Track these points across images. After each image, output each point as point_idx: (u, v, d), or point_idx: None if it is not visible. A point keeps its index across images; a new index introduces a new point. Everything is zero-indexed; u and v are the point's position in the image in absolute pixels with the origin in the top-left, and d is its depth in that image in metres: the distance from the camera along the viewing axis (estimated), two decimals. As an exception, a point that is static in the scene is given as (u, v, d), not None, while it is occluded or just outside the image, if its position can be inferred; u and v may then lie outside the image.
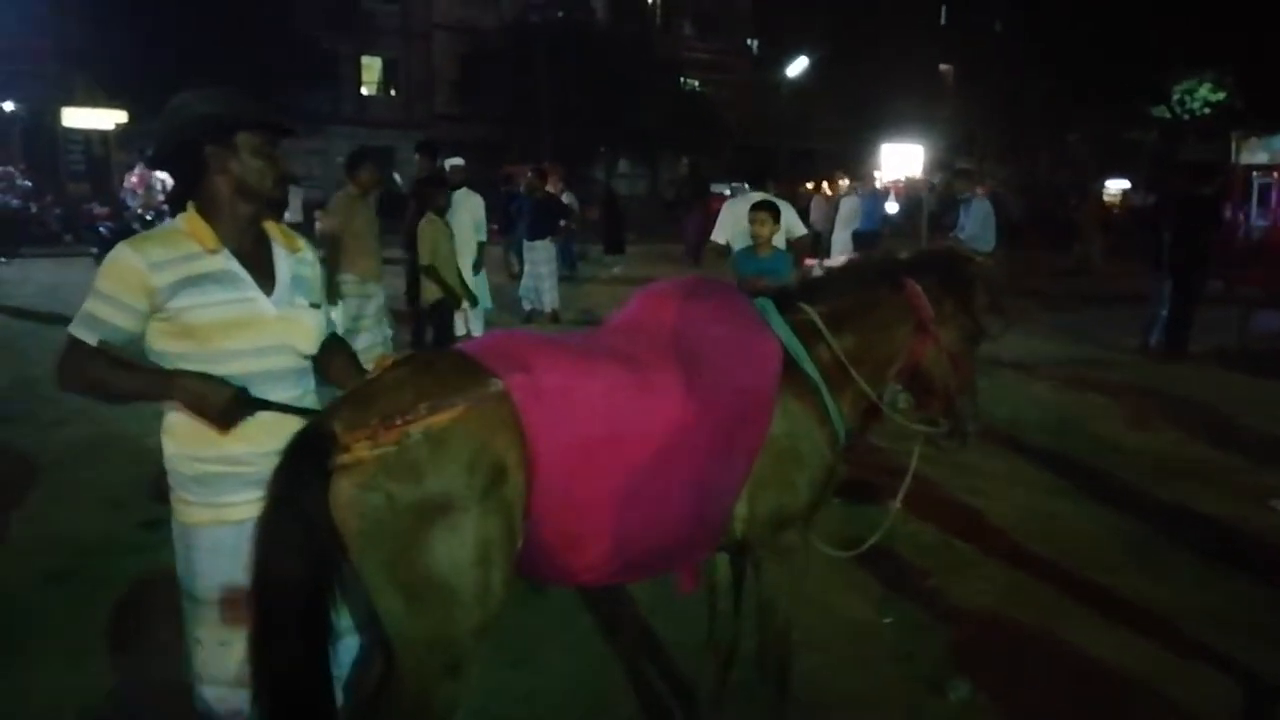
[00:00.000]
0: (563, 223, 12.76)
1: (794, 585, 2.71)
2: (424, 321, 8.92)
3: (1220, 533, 4.91)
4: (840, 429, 2.68)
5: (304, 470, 2.04)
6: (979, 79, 35.20)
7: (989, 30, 36.81)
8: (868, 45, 34.53)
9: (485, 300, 9.17)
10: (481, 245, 9.03)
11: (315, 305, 2.42)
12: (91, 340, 2.16)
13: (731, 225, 6.33)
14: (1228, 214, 11.44)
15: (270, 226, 2.42)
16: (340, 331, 7.14)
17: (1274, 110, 19.97)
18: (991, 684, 3.45)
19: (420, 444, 2.02)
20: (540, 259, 11.71)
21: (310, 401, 2.42)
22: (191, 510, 2.28)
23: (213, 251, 2.23)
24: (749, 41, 40.61)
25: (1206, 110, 31.07)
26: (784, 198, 6.76)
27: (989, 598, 4.19)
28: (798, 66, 29.13)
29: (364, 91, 35.66)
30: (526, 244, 11.82)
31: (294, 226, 3.04)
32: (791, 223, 6.41)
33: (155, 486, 5.19)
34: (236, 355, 2.22)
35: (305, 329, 2.37)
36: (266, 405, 2.22)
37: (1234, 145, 10.25)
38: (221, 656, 2.31)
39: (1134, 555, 4.64)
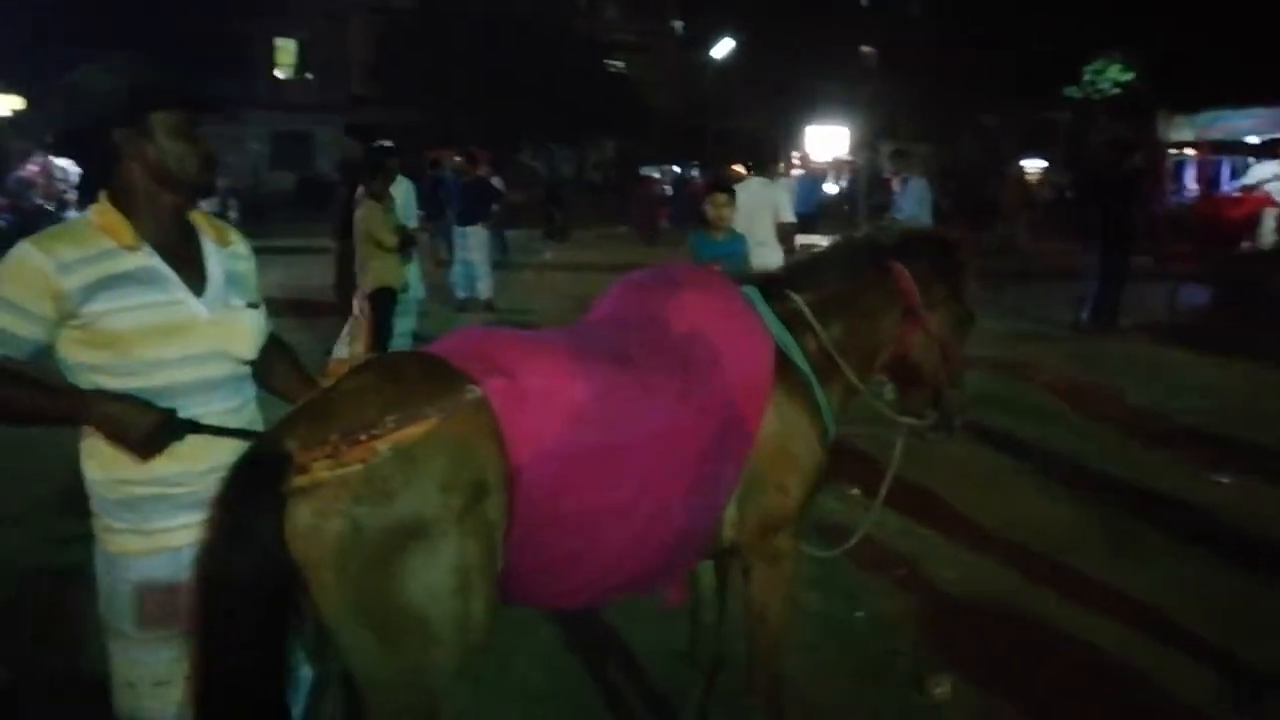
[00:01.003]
0: (494, 208, 12.39)
1: (786, 591, 2.56)
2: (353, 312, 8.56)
3: (1174, 509, 4.93)
4: (830, 424, 2.53)
5: (254, 496, 1.78)
6: (900, 61, 35.60)
7: (908, 13, 37.24)
8: (790, 27, 34.63)
9: (418, 289, 8.85)
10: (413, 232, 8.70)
11: (253, 305, 2.15)
12: None
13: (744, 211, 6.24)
14: (1156, 190, 11.67)
15: (197, 218, 2.14)
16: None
17: (1180, 89, 20.59)
18: (971, 677, 3.36)
19: (390, 462, 1.78)
20: (472, 245, 11.33)
21: (250, 413, 2.16)
22: (119, 538, 2.01)
23: (131, 249, 1.95)
24: (673, 23, 40.37)
25: (1116, 90, 32.00)
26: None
27: (959, 587, 4.11)
28: (723, 48, 29.06)
29: (278, 75, 34.43)
30: (458, 230, 11.43)
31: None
32: (782, 206, 6.34)
33: (62, 499, 4.83)
34: (164, 365, 1.95)
35: (243, 332, 2.10)
36: (199, 428, 1.96)
37: (1159, 123, 10.42)
38: (159, 699, 2.05)
39: (1095, 535, 4.62)
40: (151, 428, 1.88)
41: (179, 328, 1.97)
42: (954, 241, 2.86)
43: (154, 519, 1.99)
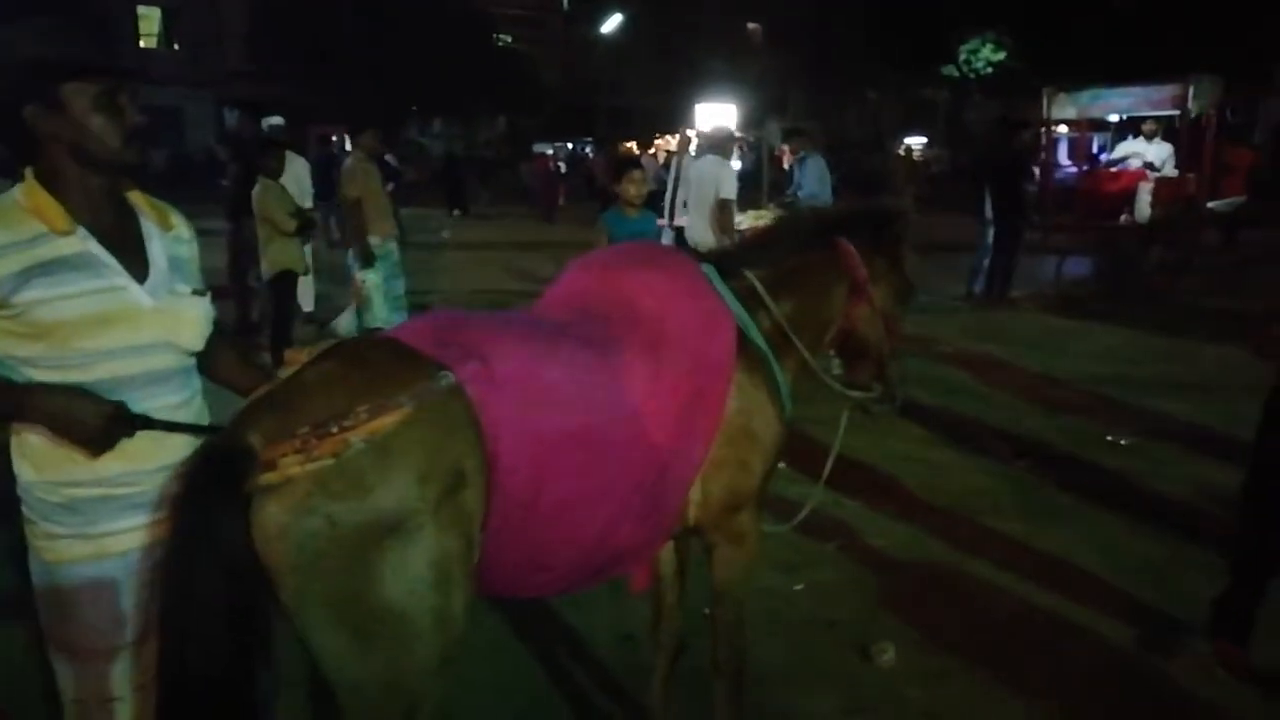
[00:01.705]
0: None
1: (749, 569, 2.55)
2: (249, 298, 8.22)
3: (1080, 471, 5.17)
4: (788, 402, 2.52)
5: (216, 496, 1.65)
6: (786, 38, 36.17)
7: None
8: (678, 3, 34.74)
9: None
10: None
11: (199, 292, 1.99)
12: None
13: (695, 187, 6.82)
14: (1041, 167, 12.18)
15: (136, 198, 1.96)
16: (377, 286, 6.78)
17: (1051, 68, 21.56)
18: (913, 642, 3.45)
19: (363, 454, 1.68)
20: (369, 225, 10.94)
21: (197, 406, 2.01)
22: (61, 545, 1.84)
23: (64, 233, 1.77)
24: (560, -2, 39.99)
25: (989, 70, 33.33)
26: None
27: (891, 555, 4.21)
28: (611, 23, 28.94)
29: (141, 45, 32.48)
30: (353, 209, 11.02)
31: None
32: (725, 183, 6.55)
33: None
34: (105, 356, 1.78)
35: (189, 321, 1.94)
36: (151, 423, 1.81)
37: (1045, 101, 10.87)
38: (109, 715, 1.92)
39: (1011, 499, 4.80)
40: (102, 422, 1.72)
41: (120, 316, 1.80)
42: (894, 214, 2.88)
43: (99, 522, 1.83)
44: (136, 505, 1.85)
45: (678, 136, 17.84)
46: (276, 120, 8.90)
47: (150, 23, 32.75)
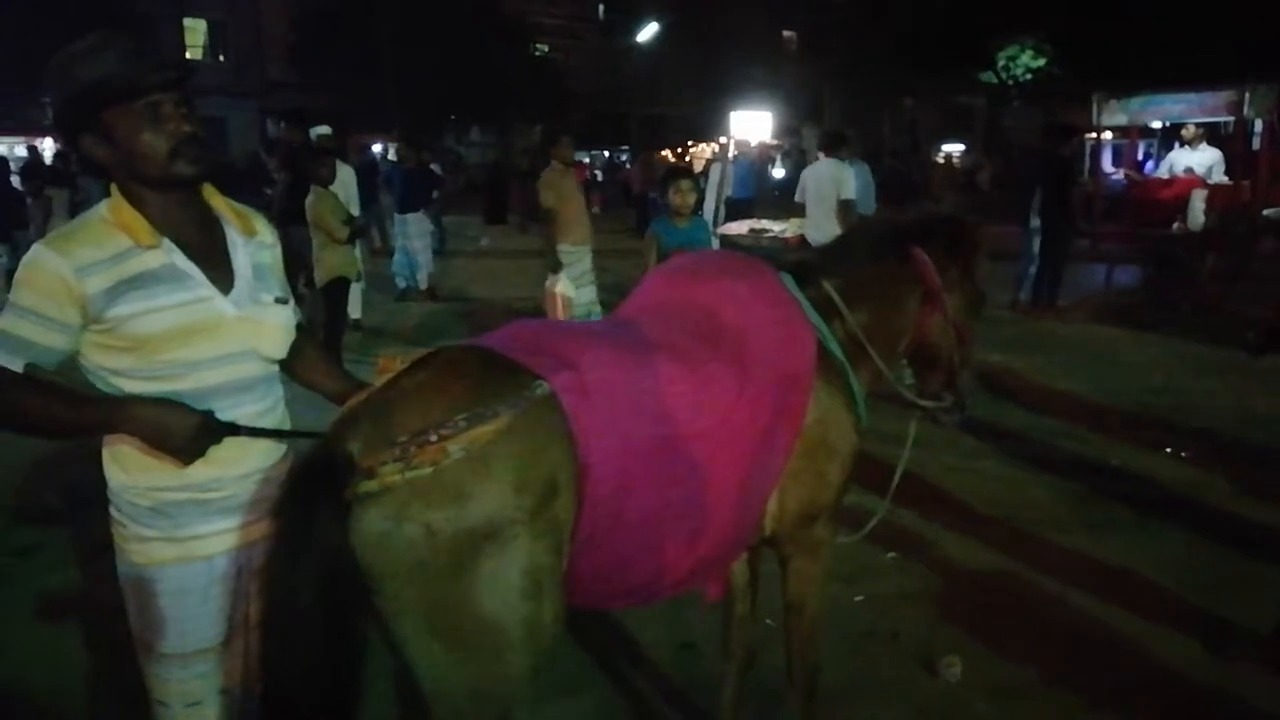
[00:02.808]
0: (435, 194, 12.13)
1: (822, 582, 2.54)
2: (298, 304, 8.31)
3: (1136, 484, 5.09)
4: (863, 412, 2.51)
5: (317, 503, 1.67)
6: (820, 45, 36.03)
7: (828, -3, 37.71)
8: (713, 11, 34.76)
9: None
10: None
11: (281, 300, 2.02)
12: (15, 366, 1.73)
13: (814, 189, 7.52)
14: (1092, 174, 12.02)
15: (219, 205, 1.99)
16: (571, 295, 6.92)
17: (1088, 75, 21.28)
18: (977, 657, 3.40)
19: (462, 464, 1.69)
20: (414, 233, 11.06)
21: (280, 413, 2.04)
22: (150, 547, 1.88)
23: (150, 246, 1.80)
24: (598, 7, 40.13)
25: (1029, 76, 32.96)
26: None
27: (948, 566, 4.17)
28: (647, 32, 28.99)
29: (188, 57, 33.08)
30: (398, 217, 11.15)
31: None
32: (845, 184, 7.38)
33: (5, 510, 4.57)
34: (192, 367, 1.82)
35: (272, 330, 1.97)
36: (237, 430, 1.84)
37: (1095, 107, 10.72)
38: (193, 718, 1.95)
39: (1068, 511, 4.73)
40: (192, 432, 1.76)
41: (205, 327, 1.84)
42: (968, 223, 2.87)
43: (187, 525, 1.87)
44: (223, 510, 1.89)
45: (714, 145, 17.85)
46: (324, 129, 9.02)
47: (196, 34, 33.33)
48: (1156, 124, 14.37)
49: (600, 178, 25.72)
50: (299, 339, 2.09)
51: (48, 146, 18.75)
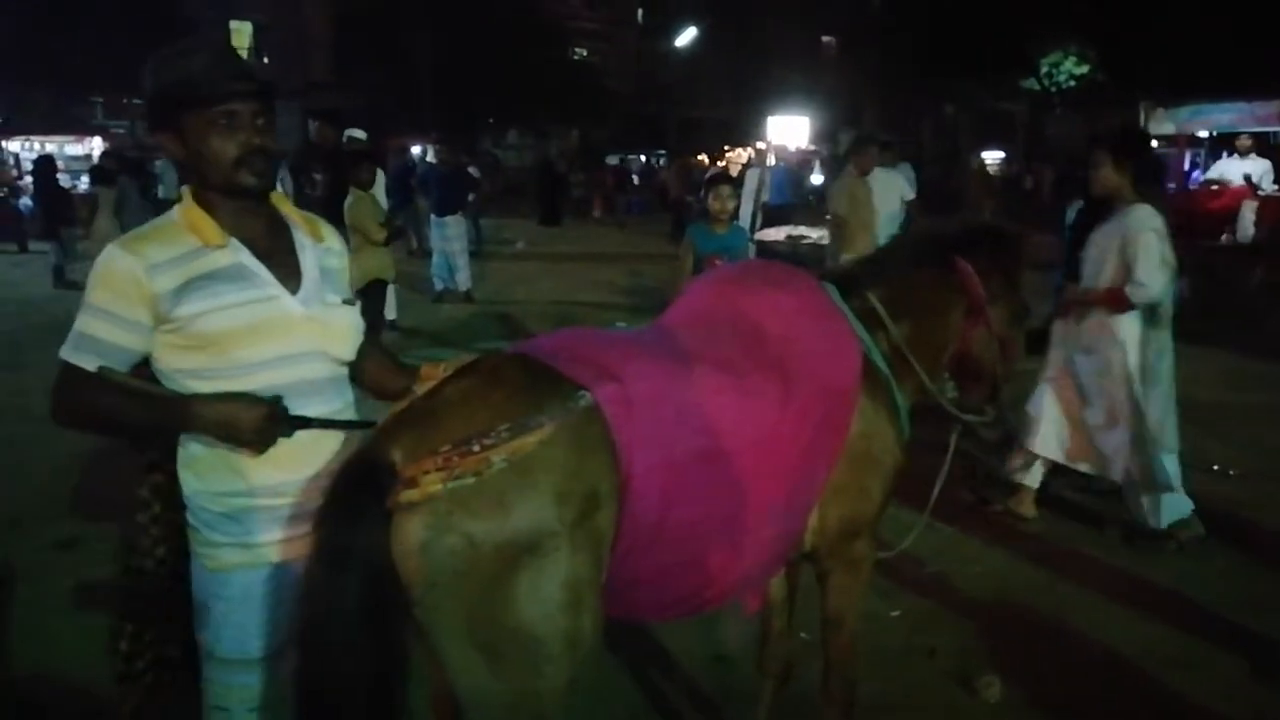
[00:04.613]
0: (472, 197, 12.19)
1: (861, 597, 2.51)
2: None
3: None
4: (906, 425, 2.47)
5: (359, 511, 1.67)
6: (860, 51, 35.81)
7: (868, 2, 37.45)
8: (751, 16, 34.68)
9: None
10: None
11: (348, 302, 2.04)
12: (90, 366, 1.76)
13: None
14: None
15: (289, 211, 2.02)
16: None
17: (1132, 82, 20.93)
18: (1016, 677, 3.33)
19: (504, 474, 1.68)
20: (452, 235, 11.10)
21: (350, 416, 2.04)
22: (222, 553, 1.89)
23: (217, 246, 1.83)
24: (636, 11, 40.22)
25: (1072, 83, 32.53)
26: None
27: (986, 582, 4.10)
28: (685, 36, 29.02)
29: (245, 63, 33.56)
30: (435, 220, 11.19)
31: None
32: (906, 188, 7.73)
33: (58, 501, 4.64)
34: (262, 366, 1.84)
35: (340, 330, 1.99)
36: (307, 422, 1.85)
37: (1143, 116, 10.55)
38: None
39: (1119, 530, 4.62)
40: (261, 419, 1.77)
41: (274, 326, 1.86)
42: (1011, 235, 2.83)
43: (257, 532, 1.88)
44: (288, 517, 1.89)
45: (750, 149, 17.77)
46: (357, 132, 9.09)
47: (242, 37, 33.79)
48: (1204, 133, 14.10)
49: (636, 181, 25.68)
50: (364, 344, 2.10)
51: (95, 146, 19.08)
